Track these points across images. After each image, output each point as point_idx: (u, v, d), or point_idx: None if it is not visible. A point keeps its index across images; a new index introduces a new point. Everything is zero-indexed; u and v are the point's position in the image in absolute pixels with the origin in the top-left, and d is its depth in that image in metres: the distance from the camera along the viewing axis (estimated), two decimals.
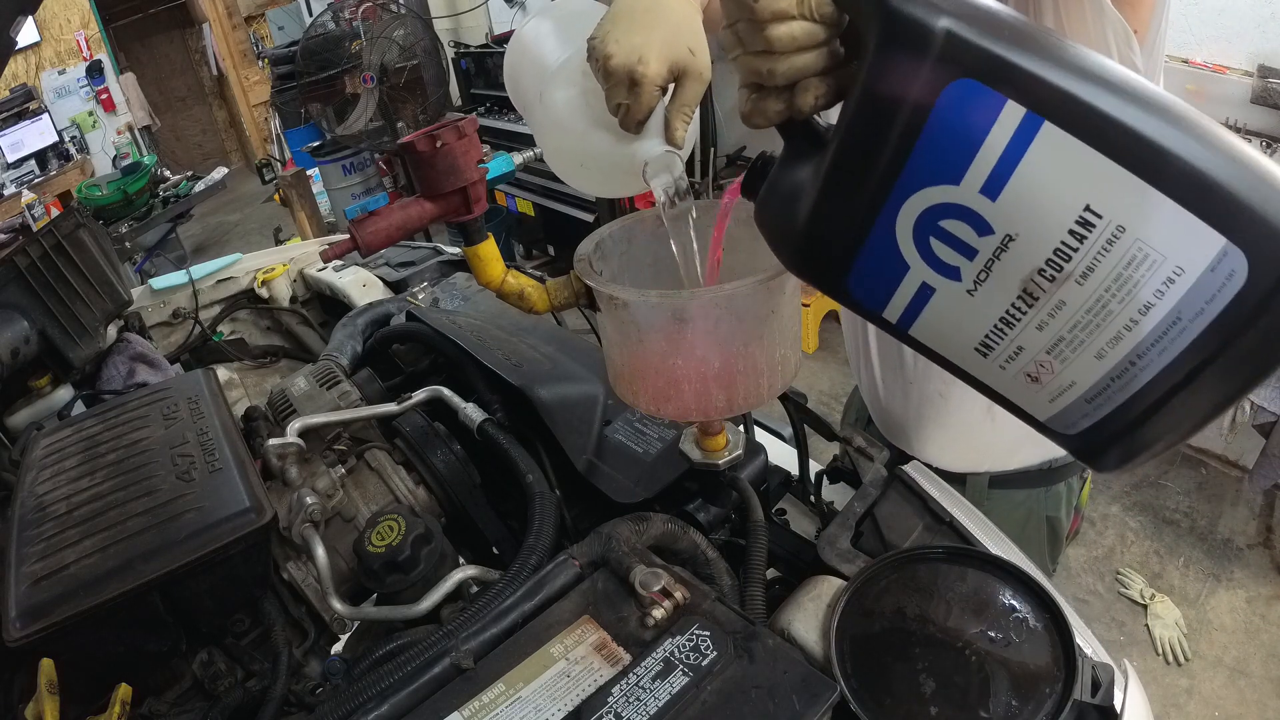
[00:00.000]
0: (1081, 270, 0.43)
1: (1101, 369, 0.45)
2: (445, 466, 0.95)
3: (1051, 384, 0.48)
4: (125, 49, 7.95)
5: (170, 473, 0.80)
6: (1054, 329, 0.46)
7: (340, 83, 3.92)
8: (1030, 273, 0.45)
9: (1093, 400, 0.47)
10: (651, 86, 0.66)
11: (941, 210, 0.45)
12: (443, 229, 4.09)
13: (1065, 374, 0.47)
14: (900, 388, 1.19)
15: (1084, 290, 0.43)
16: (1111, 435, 0.48)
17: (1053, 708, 0.60)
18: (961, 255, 0.46)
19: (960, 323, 0.49)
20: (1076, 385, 0.47)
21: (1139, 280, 0.42)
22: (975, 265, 0.46)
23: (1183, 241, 0.40)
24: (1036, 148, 0.42)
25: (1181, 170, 0.40)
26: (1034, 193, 0.43)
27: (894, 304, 0.52)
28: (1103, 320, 0.44)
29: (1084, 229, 0.42)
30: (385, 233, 0.80)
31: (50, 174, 6.24)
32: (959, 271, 0.47)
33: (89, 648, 0.71)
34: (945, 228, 0.46)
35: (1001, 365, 0.49)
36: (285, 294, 1.80)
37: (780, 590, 0.82)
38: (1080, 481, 1.23)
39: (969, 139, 0.43)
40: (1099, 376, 0.46)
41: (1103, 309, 0.44)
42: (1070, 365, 0.46)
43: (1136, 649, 2.25)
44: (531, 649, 0.65)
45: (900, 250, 0.49)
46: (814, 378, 3.58)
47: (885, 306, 0.52)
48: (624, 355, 0.73)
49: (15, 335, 1.21)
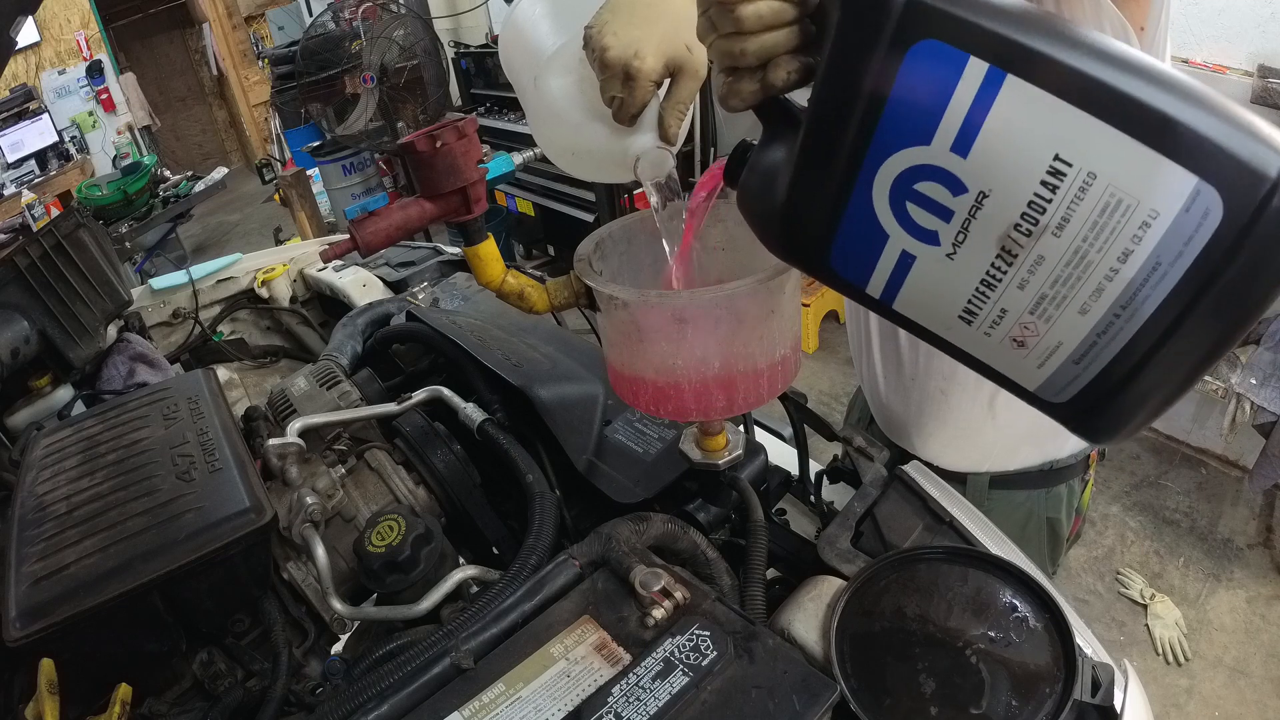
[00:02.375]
0: (1057, 221, 0.43)
1: (1087, 324, 0.45)
2: (445, 466, 0.95)
3: (1038, 347, 0.47)
4: (125, 49, 7.95)
5: (170, 473, 0.80)
6: (1035, 286, 0.45)
7: (340, 83, 3.92)
8: (1007, 228, 0.44)
9: (1081, 360, 0.46)
10: (647, 81, 0.66)
11: (915, 173, 0.46)
12: (443, 229, 4.09)
13: (1051, 334, 0.46)
14: (901, 386, 1.19)
15: (1062, 242, 0.43)
16: (1103, 398, 0.47)
17: (1053, 708, 0.60)
18: (938, 218, 0.46)
19: (942, 290, 0.49)
20: (1063, 346, 0.47)
21: (1115, 227, 0.42)
22: (952, 227, 0.46)
23: (1155, 184, 0.40)
24: (1002, 101, 0.42)
25: (1145, 112, 0.40)
26: (1003, 146, 0.43)
27: (876, 277, 0.52)
28: (1083, 272, 0.43)
29: (1055, 179, 0.42)
30: (385, 233, 0.80)
31: (50, 174, 6.24)
32: (937, 235, 0.47)
33: (89, 648, 0.71)
34: (921, 191, 0.46)
35: (986, 332, 0.49)
36: (285, 294, 1.80)
37: (780, 590, 0.82)
38: (1082, 484, 1.22)
39: (935, 98, 0.44)
40: (1085, 333, 0.45)
41: (1082, 260, 0.43)
42: (1055, 324, 0.46)
43: (1136, 649, 2.25)
44: (531, 649, 0.65)
45: (879, 219, 0.49)
46: (814, 378, 3.58)
47: (868, 281, 0.52)
48: (624, 355, 0.73)
49: (15, 335, 1.21)
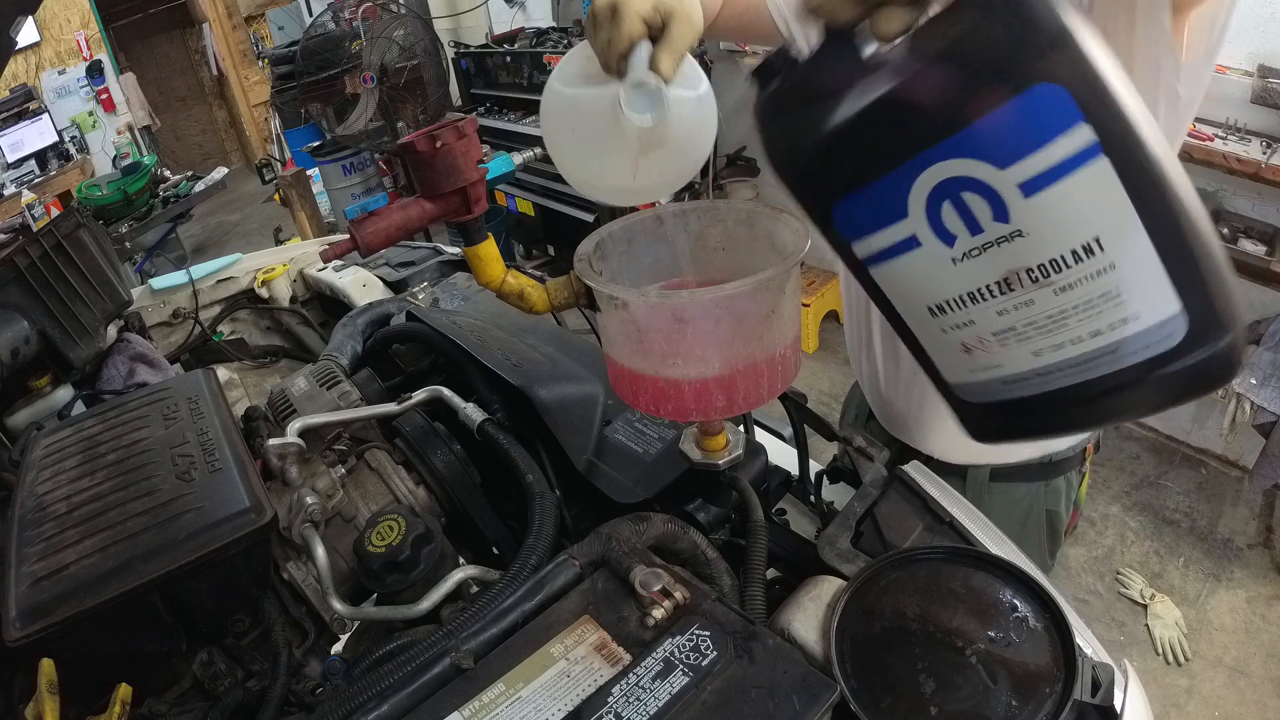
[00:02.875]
0: (1063, 284, 0.47)
1: (1032, 364, 0.50)
2: (445, 466, 0.95)
3: (981, 360, 0.52)
4: (125, 49, 7.94)
5: (170, 473, 0.80)
6: (1011, 319, 0.49)
7: (340, 83, 3.92)
8: (1020, 268, 0.47)
9: (1009, 384, 0.51)
10: (634, 16, 0.64)
11: (972, 184, 0.46)
12: (443, 229, 4.09)
13: (998, 356, 0.51)
14: (902, 382, 1.20)
15: (1055, 300, 0.47)
16: (1005, 416, 0.53)
17: (1053, 708, 0.60)
18: (966, 228, 0.48)
19: (928, 282, 0.51)
20: (1002, 369, 0.51)
21: (1103, 310, 0.46)
22: (974, 241, 0.48)
23: (1152, 297, 0.46)
24: (1085, 172, 0.44)
25: (1182, 248, 0.44)
26: (1061, 206, 0.45)
27: (870, 242, 0.52)
28: (1057, 329, 0.48)
29: (1085, 254, 0.45)
30: (385, 233, 0.80)
31: (50, 174, 6.24)
32: (954, 240, 0.49)
33: (89, 648, 0.71)
34: (965, 199, 0.47)
35: (944, 329, 0.52)
36: (285, 294, 1.80)
37: (780, 590, 0.82)
38: (1079, 476, 1.24)
39: (1033, 137, 0.44)
40: (1026, 369, 0.50)
41: (1062, 320, 0.48)
42: (1007, 352, 0.50)
43: (1136, 649, 2.25)
44: (531, 649, 0.65)
45: (908, 200, 0.49)
46: (814, 378, 3.58)
47: (859, 241, 0.53)
48: (624, 355, 0.73)
49: (15, 335, 1.21)
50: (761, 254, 0.77)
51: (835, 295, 3.92)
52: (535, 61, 3.93)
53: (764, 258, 0.76)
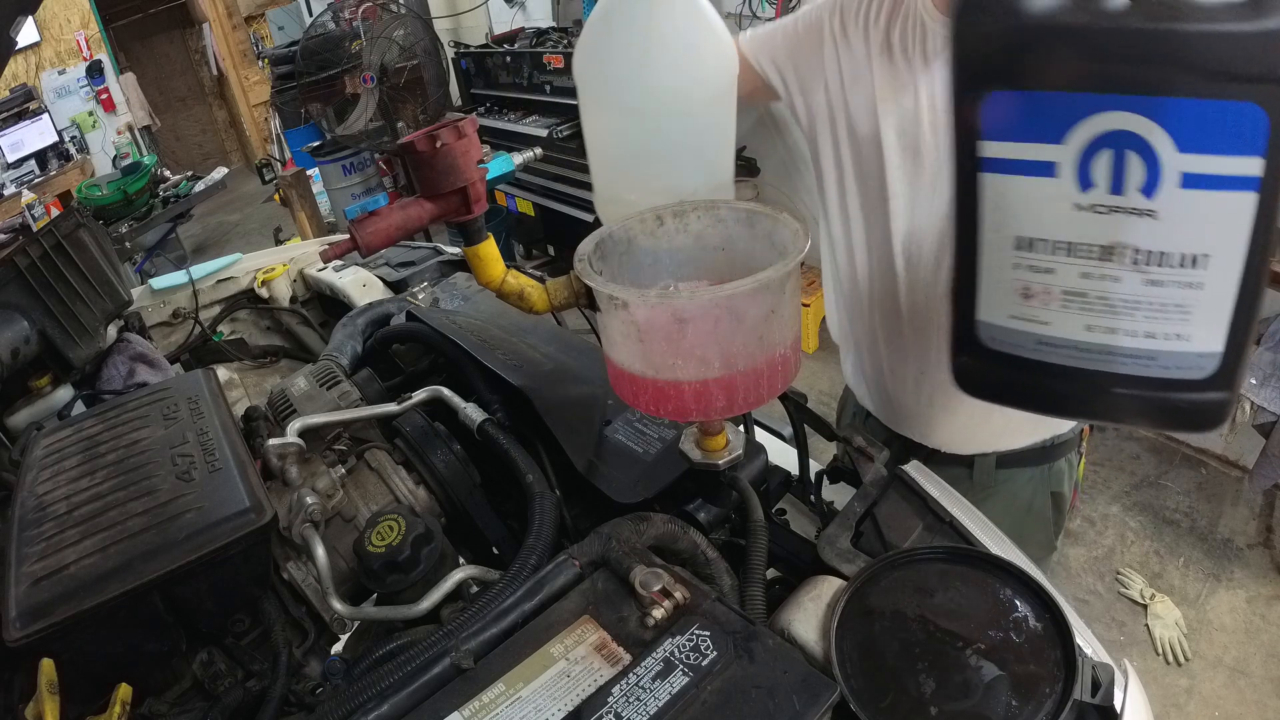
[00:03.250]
0: (1155, 278, 0.47)
1: (1078, 335, 0.49)
2: (445, 466, 0.95)
3: (1033, 311, 0.50)
4: (125, 49, 7.95)
5: (170, 473, 0.80)
6: (1090, 285, 0.48)
7: (340, 83, 3.92)
8: (1132, 244, 0.47)
9: (1041, 345, 0.51)
10: None
11: (1143, 148, 0.45)
12: (443, 229, 4.09)
13: (1052, 315, 0.50)
14: (910, 376, 1.21)
15: (1139, 289, 0.47)
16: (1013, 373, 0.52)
17: (1053, 708, 0.60)
18: (1110, 182, 0.46)
19: (1036, 212, 0.49)
20: (1048, 328, 0.50)
21: (1169, 319, 0.47)
22: (1108, 199, 0.47)
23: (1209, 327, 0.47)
24: (1235, 197, 0.45)
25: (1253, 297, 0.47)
26: (1201, 212, 0.46)
27: (1005, 147, 0.49)
28: (1122, 315, 0.48)
29: (1190, 263, 0.46)
30: (385, 233, 0.80)
31: (50, 174, 6.24)
32: (1090, 188, 0.47)
33: (89, 648, 0.71)
34: (1126, 157, 0.45)
35: (1019, 264, 0.50)
36: (285, 294, 1.80)
37: (780, 590, 0.82)
38: (1078, 456, 1.29)
39: (1223, 142, 0.44)
40: (1069, 337, 0.49)
41: (1132, 309, 0.47)
42: (1064, 314, 0.49)
43: (1136, 649, 2.25)
44: (531, 649, 0.65)
45: (1072, 129, 0.47)
46: (814, 378, 3.57)
47: (994, 141, 0.50)
48: (624, 355, 0.73)
49: (15, 335, 1.21)
50: (761, 254, 0.77)
51: None
52: (535, 61, 3.92)
53: (764, 258, 0.76)
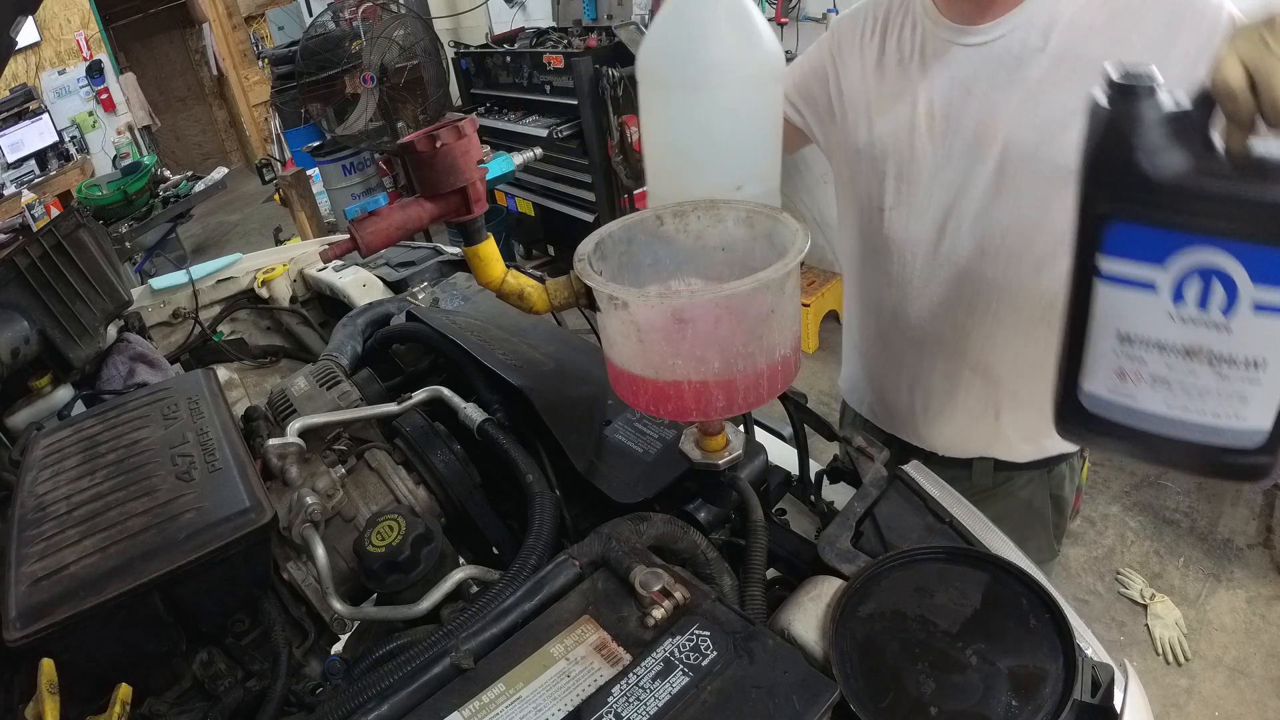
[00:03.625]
0: (1225, 374, 0.59)
1: (1158, 408, 0.62)
2: (445, 466, 0.95)
3: (1125, 387, 0.63)
4: (125, 49, 7.95)
5: (170, 473, 0.80)
6: (1172, 374, 0.61)
7: (340, 83, 3.91)
8: (1209, 348, 0.59)
9: (1128, 412, 0.63)
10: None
11: (1225, 279, 0.57)
12: (443, 229, 4.09)
13: (1140, 391, 0.62)
14: (905, 384, 1.22)
15: (1211, 381, 0.60)
16: (1103, 428, 0.65)
17: (1053, 708, 0.60)
18: (1197, 300, 0.58)
19: (1136, 316, 0.61)
20: (1135, 401, 0.63)
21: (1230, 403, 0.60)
22: (1194, 313, 0.59)
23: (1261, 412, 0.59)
24: None
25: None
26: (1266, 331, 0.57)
27: (1117, 263, 0.60)
28: (1195, 397, 0.61)
29: (1253, 367, 0.58)
30: (385, 233, 0.80)
31: (50, 174, 6.24)
32: (1181, 302, 0.59)
33: (89, 648, 0.71)
34: (1212, 283, 0.57)
35: (1115, 351, 0.62)
36: (285, 294, 1.80)
37: (780, 590, 0.82)
38: (1080, 460, 1.28)
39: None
40: (1151, 409, 0.63)
41: (1203, 394, 0.60)
42: (1150, 392, 0.62)
43: (1136, 649, 2.25)
44: (531, 649, 0.65)
45: (1173, 257, 0.58)
46: (814, 378, 3.58)
47: (1110, 256, 0.61)
48: (624, 355, 0.73)
49: (15, 335, 1.21)
50: (761, 254, 0.77)
51: (835, 295, 3.92)
52: (535, 61, 3.93)
53: (764, 258, 0.76)
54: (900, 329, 1.19)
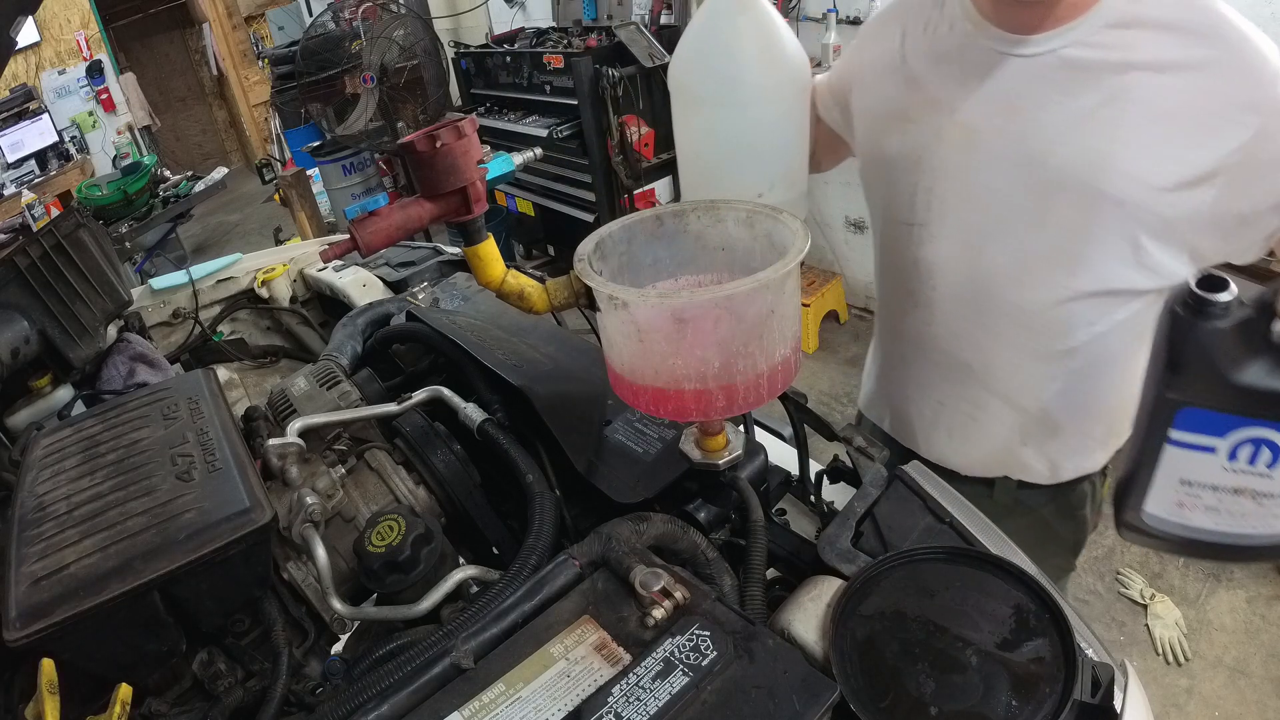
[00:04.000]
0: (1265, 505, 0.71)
1: (1208, 525, 0.74)
2: (445, 466, 0.95)
3: (1182, 514, 0.75)
4: (125, 49, 7.95)
5: (170, 473, 0.80)
6: (1223, 505, 0.73)
7: (340, 83, 3.92)
8: (1255, 490, 0.71)
9: (1185, 528, 0.75)
10: None
11: (1275, 447, 0.68)
12: (443, 229, 4.09)
13: (1195, 517, 0.74)
14: (927, 406, 1.20)
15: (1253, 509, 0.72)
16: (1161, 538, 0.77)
17: (1053, 708, 0.60)
18: (1249, 459, 0.70)
19: (1196, 468, 0.72)
20: (1190, 522, 0.75)
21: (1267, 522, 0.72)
22: (1245, 467, 0.70)
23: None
24: None
25: None
26: None
27: (1187, 434, 0.71)
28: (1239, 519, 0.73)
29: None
30: (385, 233, 0.80)
31: (50, 174, 6.24)
32: (1235, 459, 0.70)
33: (89, 648, 0.71)
34: (1261, 448, 0.69)
35: (1176, 488, 0.74)
36: (285, 294, 1.80)
37: (780, 590, 0.82)
38: (1102, 477, 1.24)
39: None
40: (1203, 527, 0.75)
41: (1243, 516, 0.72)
42: (1203, 516, 0.74)
43: (1136, 649, 2.25)
44: (531, 649, 0.65)
45: (1232, 432, 0.69)
46: (814, 378, 3.58)
47: (1181, 429, 0.71)
48: (624, 355, 0.73)
49: (15, 335, 1.21)
50: (761, 254, 0.77)
51: (835, 295, 3.92)
52: (535, 61, 3.93)
53: (764, 258, 0.76)
54: (924, 351, 1.15)
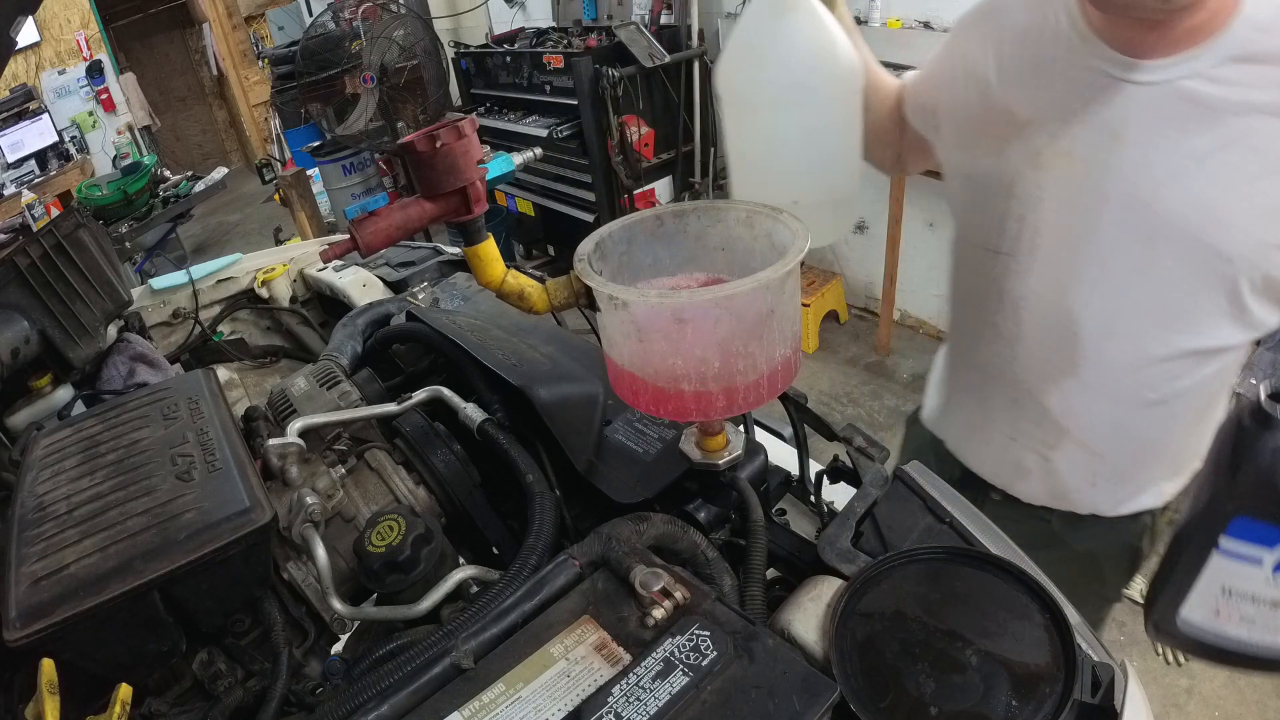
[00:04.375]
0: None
1: (1241, 637, 0.77)
2: (445, 466, 0.95)
3: (1219, 621, 0.77)
4: (125, 49, 7.95)
5: (170, 473, 0.80)
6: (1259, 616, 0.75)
7: (340, 83, 3.92)
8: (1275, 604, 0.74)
9: (1218, 635, 0.78)
10: None
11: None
12: (443, 229, 4.09)
13: (1230, 625, 0.77)
14: (997, 440, 1.16)
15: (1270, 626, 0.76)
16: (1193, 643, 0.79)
17: (1053, 708, 0.60)
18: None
19: (1240, 577, 0.74)
20: (1225, 631, 0.77)
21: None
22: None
23: None
24: None
25: None
26: None
27: (1235, 544, 0.73)
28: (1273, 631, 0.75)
29: None
30: (385, 233, 0.80)
31: (50, 174, 6.24)
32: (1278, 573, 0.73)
33: (89, 648, 0.71)
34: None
35: (1217, 597, 0.76)
36: (285, 294, 1.80)
37: (780, 590, 0.82)
38: (1162, 512, 1.18)
39: None
40: (1238, 636, 0.77)
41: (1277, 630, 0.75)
42: (1238, 626, 0.76)
43: (1136, 649, 2.25)
44: (531, 649, 0.65)
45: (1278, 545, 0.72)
46: (814, 378, 3.58)
47: (1229, 538, 0.73)
48: (624, 355, 0.73)
49: (15, 335, 1.21)
50: (761, 254, 0.77)
51: (835, 295, 3.92)
52: (535, 61, 3.93)
53: (764, 258, 0.76)
54: (1000, 385, 1.10)
